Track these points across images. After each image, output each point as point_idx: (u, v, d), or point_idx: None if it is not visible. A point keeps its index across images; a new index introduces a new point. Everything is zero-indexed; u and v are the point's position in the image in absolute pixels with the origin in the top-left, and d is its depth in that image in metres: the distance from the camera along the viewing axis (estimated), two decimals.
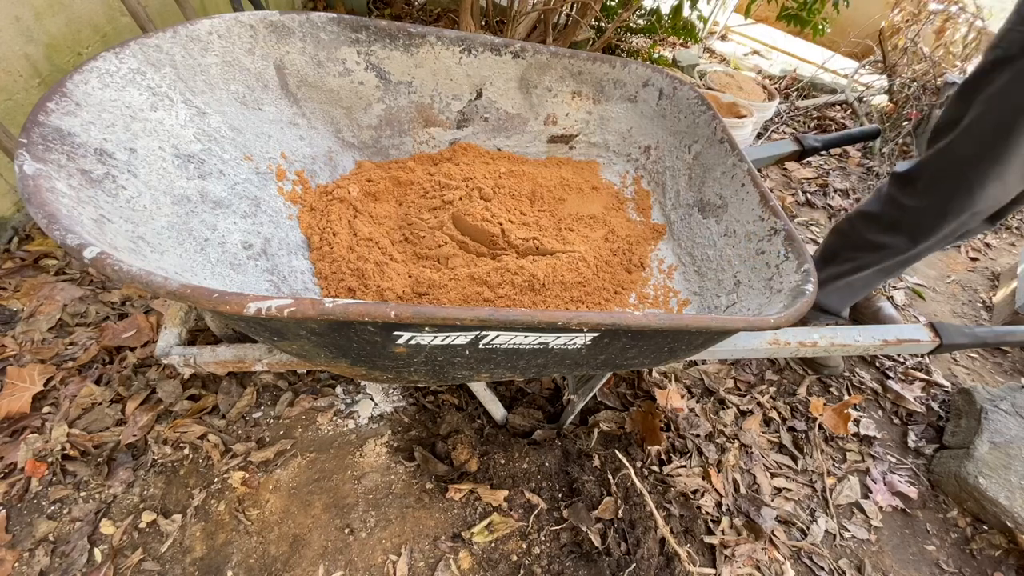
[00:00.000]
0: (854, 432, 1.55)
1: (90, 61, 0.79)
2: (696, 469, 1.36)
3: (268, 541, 1.07)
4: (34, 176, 0.62)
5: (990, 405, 1.52)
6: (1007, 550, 1.35)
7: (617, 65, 1.31)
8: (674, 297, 1.18)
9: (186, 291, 0.54)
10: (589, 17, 2.62)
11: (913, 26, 3.19)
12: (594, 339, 0.73)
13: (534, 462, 1.27)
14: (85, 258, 0.55)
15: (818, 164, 2.96)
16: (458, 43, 1.20)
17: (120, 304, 1.40)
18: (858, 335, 1.13)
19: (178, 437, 1.17)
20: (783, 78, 3.72)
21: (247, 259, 0.91)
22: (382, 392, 1.36)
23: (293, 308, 0.55)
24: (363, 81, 1.19)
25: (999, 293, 2.24)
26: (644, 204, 1.38)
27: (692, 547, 1.22)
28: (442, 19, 3.07)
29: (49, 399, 1.18)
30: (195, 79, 0.95)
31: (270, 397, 1.30)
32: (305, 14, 1.08)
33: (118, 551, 1.02)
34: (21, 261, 1.42)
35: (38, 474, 1.07)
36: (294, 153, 1.13)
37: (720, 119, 1.21)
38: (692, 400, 1.53)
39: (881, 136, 2.38)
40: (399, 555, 1.09)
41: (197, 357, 0.91)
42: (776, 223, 0.99)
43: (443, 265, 1.10)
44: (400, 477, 1.21)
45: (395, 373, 0.80)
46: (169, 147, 0.87)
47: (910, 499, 1.44)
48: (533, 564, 1.12)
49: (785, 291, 0.90)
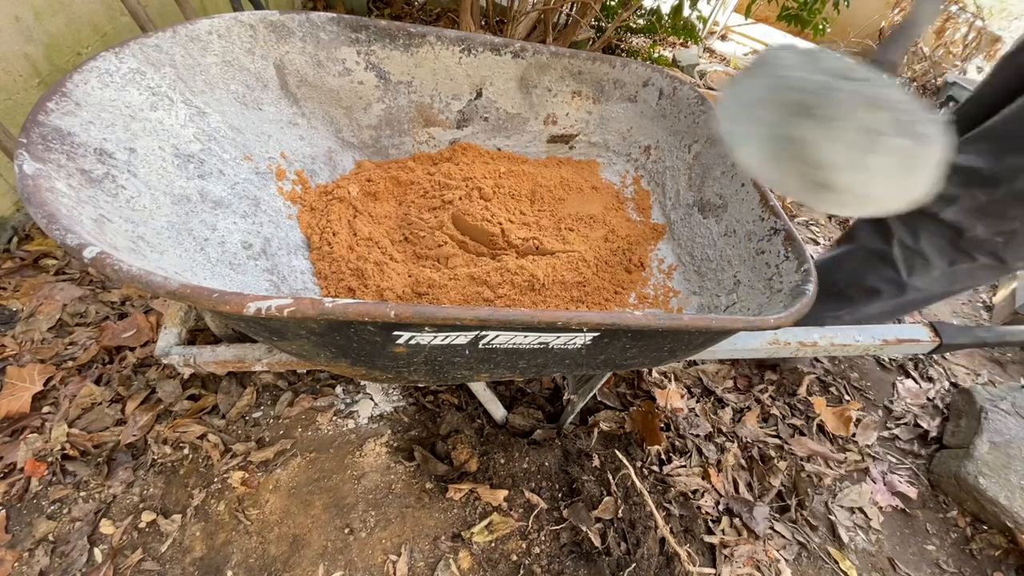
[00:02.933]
0: (853, 432, 1.55)
1: (90, 61, 0.79)
2: (696, 469, 1.36)
3: (268, 541, 1.07)
4: (34, 176, 0.62)
5: (990, 405, 1.52)
6: (1007, 550, 1.35)
7: (617, 65, 1.31)
8: (674, 297, 1.18)
9: (186, 291, 0.54)
10: (589, 17, 2.62)
11: None
12: (594, 339, 0.73)
13: (534, 462, 1.27)
14: (85, 258, 0.55)
15: None
16: (458, 43, 1.20)
17: (120, 304, 1.40)
18: (858, 335, 1.13)
19: (178, 437, 1.17)
20: None
21: (247, 259, 0.91)
22: (382, 392, 1.36)
23: (293, 308, 0.55)
24: (363, 81, 1.19)
25: (999, 293, 2.24)
26: (644, 204, 1.38)
27: (692, 547, 1.22)
28: (442, 19, 3.07)
29: (49, 399, 1.18)
30: (195, 79, 0.95)
31: (270, 397, 1.30)
32: (305, 14, 1.08)
33: (118, 551, 1.02)
34: (21, 261, 1.42)
35: (38, 474, 1.07)
36: (294, 153, 1.13)
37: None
38: (692, 400, 1.53)
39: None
40: (399, 555, 1.09)
41: (197, 357, 0.91)
42: (776, 223, 0.99)
43: (443, 265, 1.10)
44: (400, 477, 1.21)
45: (395, 373, 0.80)
46: (169, 147, 0.86)
47: (910, 499, 1.44)
48: (533, 564, 1.12)
49: (785, 291, 0.90)
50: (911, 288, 1.31)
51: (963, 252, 1.23)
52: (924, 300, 1.39)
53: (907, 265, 1.30)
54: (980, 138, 1.18)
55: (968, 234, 1.19)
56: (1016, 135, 1.13)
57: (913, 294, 1.33)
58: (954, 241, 1.23)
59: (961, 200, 1.19)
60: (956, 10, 3.13)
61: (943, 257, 1.25)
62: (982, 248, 1.20)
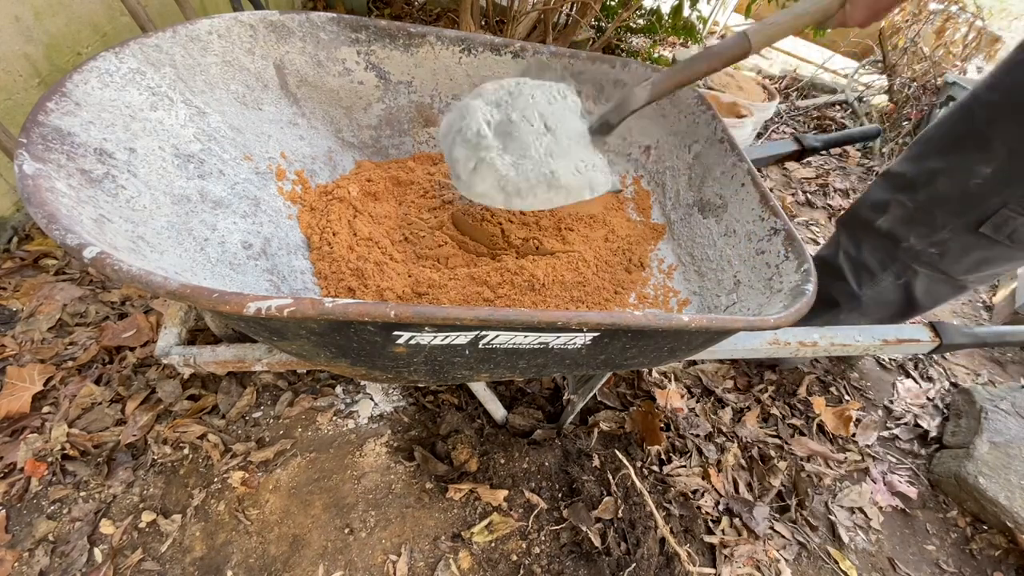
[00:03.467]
0: (853, 432, 1.55)
1: (90, 61, 0.79)
2: (696, 469, 1.36)
3: (268, 541, 1.07)
4: (34, 176, 0.62)
5: (990, 405, 1.52)
6: (1007, 550, 1.35)
7: (617, 65, 1.31)
8: (674, 297, 1.18)
9: (186, 291, 0.54)
10: (589, 17, 2.62)
11: (913, 26, 3.19)
12: (594, 339, 0.73)
13: (534, 462, 1.27)
14: (85, 258, 0.55)
15: (818, 164, 2.96)
16: (458, 43, 1.20)
17: (120, 304, 1.40)
18: (858, 335, 1.13)
19: (178, 437, 1.17)
20: (783, 78, 3.72)
21: (247, 259, 0.91)
22: (382, 392, 1.36)
23: (293, 308, 0.55)
24: (363, 81, 1.19)
25: (999, 293, 2.24)
26: (644, 204, 1.38)
27: (692, 547, 1.22)
28: (442, 19, 3.07)
29: (49, 399, 1.18)
30: (195, 79, 0.95)
31: (270, 397, 1.30)
32: (305, 14, 1.08)
33: (118, 551, 1.02)
34: (21, 261, 1.42)
35: (38, 474, 1.07)
36: (294, 153, 1.13)
37: (720, 119, 1.21)
38: (692, 400, 1.53)
39: (881, 136, 2.38)
40: (399, 555, 1.09)
41: (197, 357, 0.91)
42: (776, 223, 0.99)
43: (443, 265, 1.10)
44: (400, 477, 1.21)
45: (395, 373, 0.80)
46: (169, 147, 0.86)
47: (910, 499, 1.44)
48: (533, 564, 1.12)
49: (785, 291, 0.90)
50: (866, 301, 1.31)
51: (904, 264, 1.22)
52: (897, 317, 1.37)
53: (855, 276, 1.31)
54: (912, 145, 1.21)
55: (903, 244, 1.20)
56: (935, 139, 1.15)
57: (874, 309, 1.32)
58: (891, 252, 1.23)
59: (892, 208, 1.20)
60: (956, 10, 3.13)
61: (885, 269, 1.25)
62: (919, 260, 1.20)
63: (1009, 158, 1.01)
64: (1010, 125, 1.00)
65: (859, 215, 1.30)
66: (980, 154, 1.05)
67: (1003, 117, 1.01)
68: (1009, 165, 1.02)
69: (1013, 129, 1.00)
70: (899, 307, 1.31)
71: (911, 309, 1.31)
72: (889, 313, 1.33)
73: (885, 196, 1.22)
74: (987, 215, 1.06)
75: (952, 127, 1.12)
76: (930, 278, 1.22)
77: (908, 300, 1.28)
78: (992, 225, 1.06)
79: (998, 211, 1.05)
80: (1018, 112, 0.99)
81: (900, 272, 1.24)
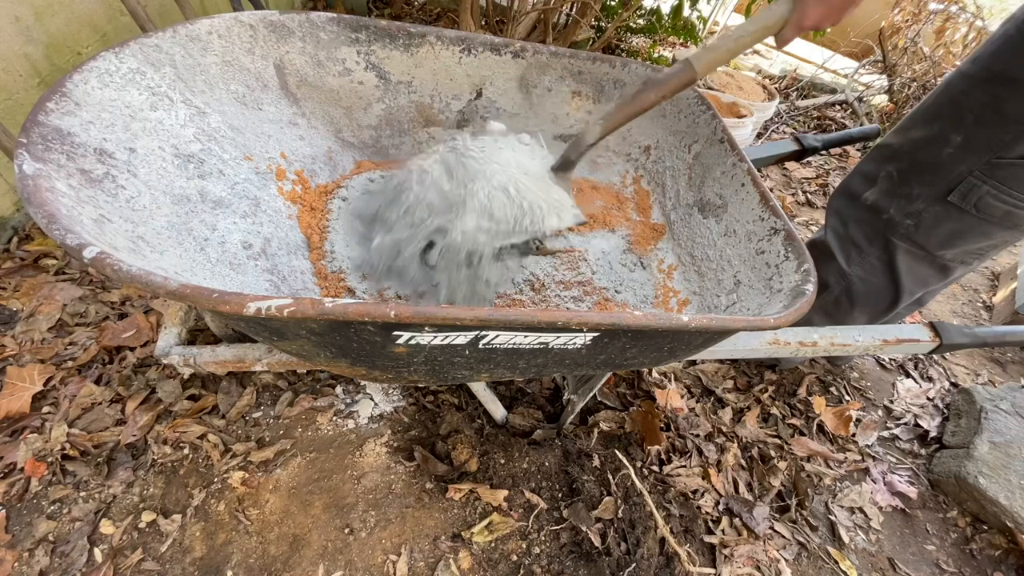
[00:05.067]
0: (853, 432, 1.55)
1: (90, 61, 0.79)
2: (696, 469, 1.36)
3: (268, 541, 1.07)
4: (34, 176, 0.62)
5: (990, 405, 1.52)
6: (1007, 550, 1.35)
7: (617, 65, 1.31)
8: (674, 297, 1.18)
9: (186, 291, 0.54)
10: (589, 17, 2.62)
11: (913, 26, 3.19)
12: (594, 339, 0.73)
13: (534, 462, 1.27)
14: (85, 258, 0.55)
15: (818, 164, 2.96)
16: (458, 43, 1.20)
17: (120, 304, 1.40)
18: (858, 335, 1.13)
19: (178, 437, 1.17)
20: (783, 78, 3.72)
21: (247, 259, 0.91)
22: (382, 392, 1.36)
23: (293, 308, 0.55)
24: (363, 81, 1.19)
25: (999, 293, 2.24)
26: (644, 204, 1.38)
27: (692, 547, 1.22)
28: (442, 19, 3.07)
29: (49, 399, 1.18)
30: (195, 79, 0.95)
31: (270, 397, 1.30)
32: (305, 14, 1.08)
33: (118, 551, 1.02)
34: (21, 261, 1.42)
35: (38, 474, 1.07)
36: (294, 153, 1.13)
37: (720, 119, 1.21)
38: (692, 400, 1.53)
39: (881, 136, 2.38)
40: (399, 555, 1.09)
41: (197, 357, 0.91)
42: (776, 223, 0.99)
43: None
44: (400, 477, 1.21)
45: (395, 373, 0.80)
46: (169, 147, 0.86)
47: (910, 499, 1.44)
48: (533, 564, 1.12)
49: (785, 291, 0.90)
50: (855, 280, 1.31)
51: (885, 238, 1.23)
52: (888, 306, 1.36)
53: (843, 253, 1.31)
54: (905, 118, 1.23)
55: (884, 216, 1.21)
56: (921, 110, 1.18)
57: (863, 292, 1.32)
58: (875, 224, 1.23)
59: (880, 181, 1.22)
60: (956, 10, 3.13)
61: (871, 243, 1.25)
62: (897, 232, 1.20)
63: (975, 124, 1.03)
64: (979, 94, 1.02)
65: (849, 188, 1.32)
66: (952, 123, 1.07)
67: (975, 87, 1.04)
68: (976, 132, 1.03)
69: (981, 97, 1.02)
70: (885, 288, 1.30)
71: (897, 292, 1.30)
72: (877, 296, 1.32)
73: (875, 169, 1.24)
74: (955, 184, 1.08)
75: (936, 98, 1.15)
76: (911, 255, 1.22)
77: (893, 281, 1.28)
78: (959, 194, 1.08)
79: (964, 179, 1.06)
80: (988, 82, 1.01)
81: (884, 247, 1.24)
